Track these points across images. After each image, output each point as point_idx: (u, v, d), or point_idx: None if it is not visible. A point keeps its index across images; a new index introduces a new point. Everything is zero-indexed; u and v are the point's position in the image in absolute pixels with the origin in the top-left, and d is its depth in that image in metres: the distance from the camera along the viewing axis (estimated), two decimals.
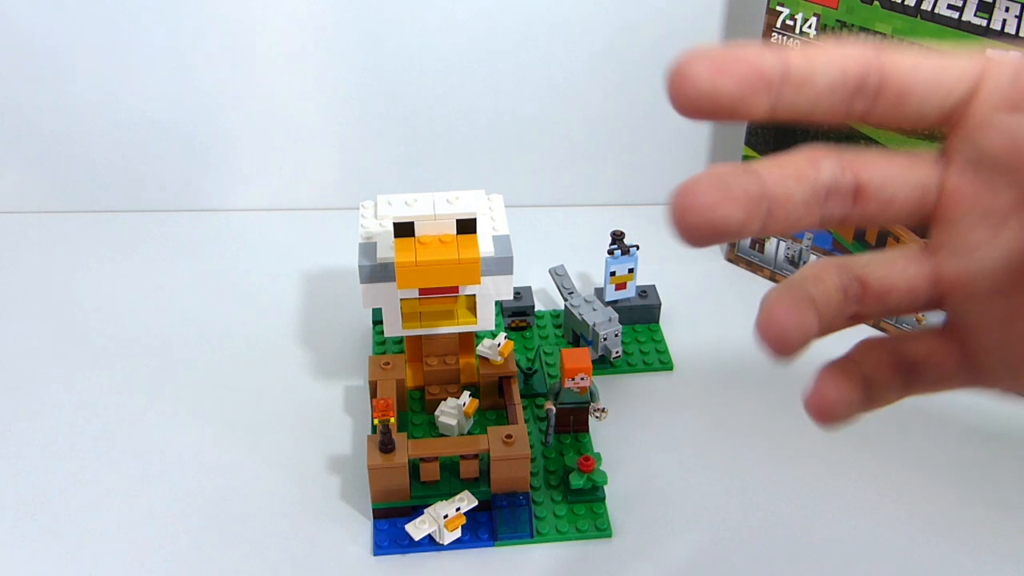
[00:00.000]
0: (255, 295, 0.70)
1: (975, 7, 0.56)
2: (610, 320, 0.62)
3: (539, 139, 0.77)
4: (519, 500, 0.53)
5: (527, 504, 0.53)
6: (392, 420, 0.51)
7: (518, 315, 0.66)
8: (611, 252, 0.64)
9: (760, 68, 0.26)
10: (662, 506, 0.55)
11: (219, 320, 0.67)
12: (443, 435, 0.57)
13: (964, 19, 0.57)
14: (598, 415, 0.57)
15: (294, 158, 0.77)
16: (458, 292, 0.55)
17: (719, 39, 0.73)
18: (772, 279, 0.72)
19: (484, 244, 0.54)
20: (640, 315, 0.66)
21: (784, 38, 0.65)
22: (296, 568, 0.52)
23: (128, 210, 0.77)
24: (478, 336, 0.60)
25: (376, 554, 0.52)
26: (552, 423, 0.57)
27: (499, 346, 0.58)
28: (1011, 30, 0.55)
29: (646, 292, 0.67)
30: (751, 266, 0.73)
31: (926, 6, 0.58)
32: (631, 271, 0.65)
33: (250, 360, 0.64)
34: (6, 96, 0.72)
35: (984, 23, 0.56)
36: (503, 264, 0.55)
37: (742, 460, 0.58)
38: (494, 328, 0.57)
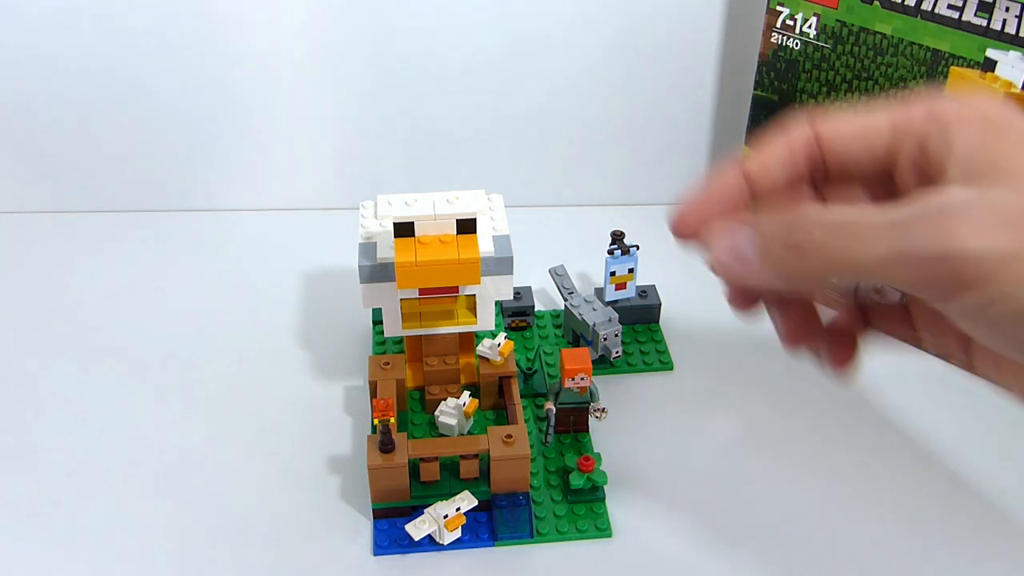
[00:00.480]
0: (255, 295, 0.70)
1: (975, 7, 0.56)
2: (610, 320, 0.62)
3: (539, 139, 0.77)
4: (519, 500, 0.53)
5: (527, 504, 0.53)
6: (392, 420, 0.51)
7: (518, 315, 0.66)
8: (611, 252, 0.64)
9: (727, 196, 0.35)
10: (662, 506, 0.55)
11: (219, 320, 0.67)
12: (443, 435, 0.57)
13: (964, 19, 0.57)
14: (598, 415, 0.57)
15: (294, 158, 0.77)
16: (458, 292, 0.55)
17: (719, 39, 0.73)
18: None
19: (484, 244, 0.54)
20: (640, 315, 0.66)
21: (784, 38, 0.65)
22: (296, 568, 0.52)
23: (128, 210, 0.78)
24: (478, 336, 0.60)
25: (376, 554, 0.52)
26: (552, 423, 0.57)
27: (499, 346, 0.58)
28: (1011, 30, 0.55)
29: (646, 292, 0.67)
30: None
31: (926, 6, 0.58)
32: (631, 271, 0.65)
33: (250, 360, 0.64)
34: (6, 96, 0.72)
35: (984, 23, 0.56)
36: (503, 264, 0.55)
37: (742, 460, 0.58)
38: (494, 328, 0.57)
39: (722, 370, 0.64)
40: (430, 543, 0.52)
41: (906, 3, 0.59)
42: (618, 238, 0.64)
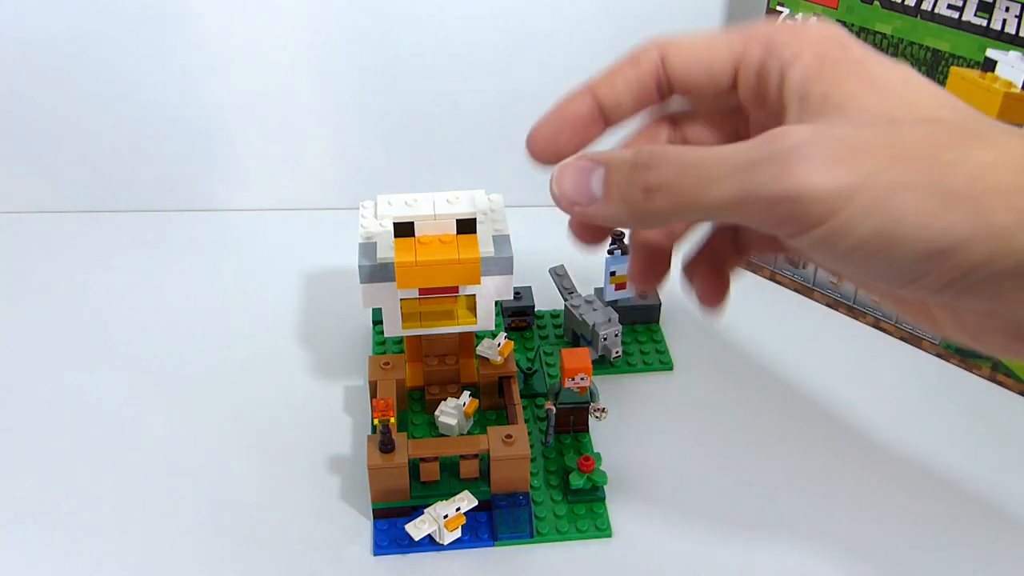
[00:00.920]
0: (255, 295, 0.70)
1: (975, 7, 0.56)
2: (610, 320, 0.62)
3: None
4: (519, 500, 0.53)
5: (527, 504, 0.53)
6: (392, 420, 0.51)
7: (518, 315, 0.66)
8: (611, 252, 0.64)
9: (578, 116, 0.37)
10: (662, 506, 0.55)
11: (219, 320, 0.67)
12: (443, 435, 0.57)
13: (964, 19, 0.57)
14: (598, 415, 0.57)
15: (294, 158, 0.77)
16: (458, 292, 0.55)
17: None
18: (772, 279, 0.72)
19: (484, 244, 0.54)
20: (640, 315, 0.66)
21: None
22: (296, 568, 0.52)
23: (128, 210, 0.78)
24: (478, 336, 0.60)
25: (376, 554, 0.52)
26: (552, 423, 0.57)
27: (499, 346, 0.58)
28: (1011, 30, 0.55)
29: (646, 292, 0.67)
30: (751, 265, 0.73)
31: (926, 6, 0.58)
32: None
33: (250, 360, 0.64)
34: (7, 96, 0.72)
35: (984, 23, 0.56)
36: (503, 264, 0.55)
37: (742, 460, 0.58)
38: (494, 328, 0.57)
39: (722, 370, 0.64)
40: (430, 543, 0.52)
41: (906, 3, 0.59)
42: (618, 238, 0.64)
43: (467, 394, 0.58)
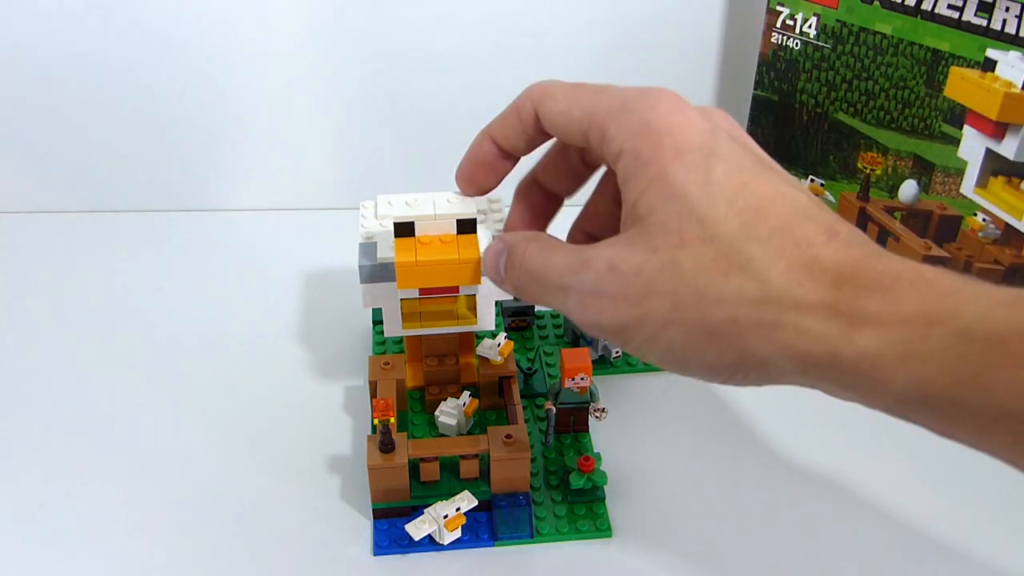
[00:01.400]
0: (255, 295, 0.70)
1: (975, 7, 0.56)
2: None
3: None
4: (519, 500, 0.53)
5: (527, 504, 0.53)
6: (392, 420, 0.51)
7: (518, 315, 0.66)
8: None
9: (486, 158, 0.47)
10: (662, 506, 0.55)
11: (219, 320, 0.67)
12: (443, 435, 0.57)
13: (964, 19, 0.57)
14: (598, 415, 0.57)
15: (294, 158, 0.77)
16: (458, 292, 0.55)
17: (719, 39, 0.73)
18: None
19: (484, 244, 0.54)
20: None
21: (784, 38, 0.65)
22: (296, 568, 0.52)
23: (128, 210, 0.78)
24: (478, 336, 0.60)
25: (376, 554, 0.52)
26: (552, 423, 0.57)
27: (499, 346, 0.58)
28: (1011, 30, 0.55)
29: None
30: None
31: (926, 6, 0.58)
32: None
33: (250, 360, 0.64)
34: (6, 96, 0.72)
35: (984, 23, 0.56)
36: None
37: (742, 460, 0.58)
38: (494, 328, 0.57)
39: None
40: (430, 543, 0.52)
41: (906, 3, 0.59)
42: None
43: (467, 394, 0.57)
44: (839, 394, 0.35)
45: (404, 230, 0.52)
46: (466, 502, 0.52)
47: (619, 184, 0.38)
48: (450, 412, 0.57)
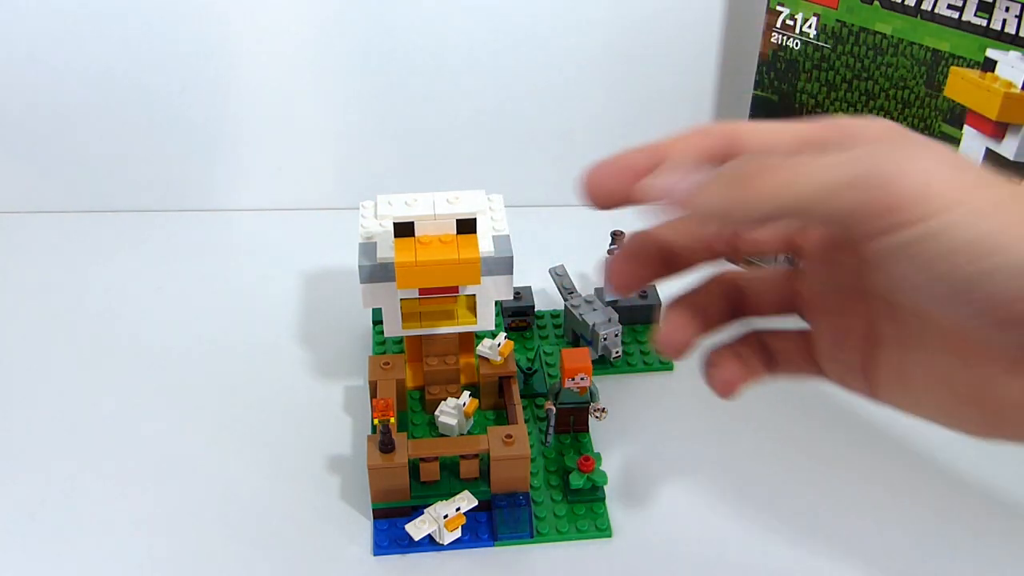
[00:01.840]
0: (255, 295, 0.70)
1: (975, 7, 0.56)
2: (610, 320, 0.62)
3: (539, 139, 0.77)
4: (519, 500, 0.53)
5: (527, 504, 0.53)
6: (392, 420, 0.51)
7: (518, 315, 0.66)
8: (611, 252, 0.64)
9: (635, 168, 0.34)
10: (662, 506, 0.55)
11: (219, 320, 0.67)
12: (443, 435, 0.57)
13: (964, 19, 0.57)
14: (598, 415, 0.57)
15: (294, 158, 0.77)
16: (458, 292, 0.55)
17: (719, 39, 0.73)
18: None
19: (484, 244, 0.54)
20: (640, 315, 0.66)
21: (784, 38, 0.65)
22: (296, 568, 0.52)
23: (128, 210, 0.78)
24: (478, 336, 0.60)
25: (376, 554, 0.52)
26: (552, 423, 0.57)
27: (499, 346, 0.58)
28: (1011, 30, 0.55)
29: (646, 292, 0.67)
30: (751, 267, 0.73)
31: (926, 6, 0.58)
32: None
33: (250, 360, 0.64)
34: (6, 96, 0.72)
35: (984, 23, 0.56)
36: (503, 264, 0.55)
37: (742, 460, 0.58)
38: (494, 328, 0.57)
39: None
40: (430, 543, 0.52)
41: (906, 3, 0.59)
42: (618, 238, 0.64)
43: (467, 394, 0.58)
44: None
45: (404, 230, 0.52)
46: (466, 502, 0.52)
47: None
48: (450, 412, 0.57)
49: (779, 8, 0.65)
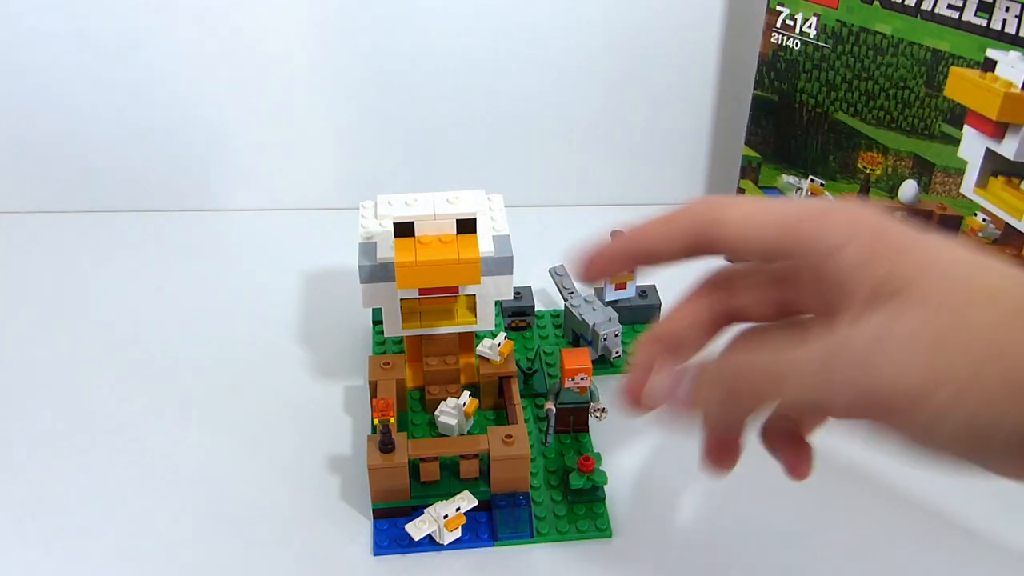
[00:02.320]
0: (255, 295, 0.70)
1: (975, 7, 0.56)
2: (610, 320, 0.62)
3: (539, 139, 0.77)
4: (519, 500, 0.53)
5: (527, 504, 0.53)
6: (392, 420, 0.51)
7: (518, 315, 0.66)
8: None
9: (614, 259, 0.40)
10: (662, 506, 0.55)
11: (219, 320, 0.67)
12: (443, 435, 0.57)
13: (964, 19, 0.57)
14: (598, 415, 0.57)
15: (294, 158, 0.77)
16: (458, 292, 0.55)
17: (719, 39, 0.73)
18: None
19: (484, 244, 0.54)
20: (640, 315, 0.66)
21: (784, 38, 0.65)
22: (296, 568, 0.52)
23: (128, 210, 0.78)
24: (478, 336, 0.60)
25: (376, 554, 0.52)
26: (552, 423, 0.57)
27: (499, 346, 0.58)
28: (1011, 30, 0.55)
29: (646, 292, 0.67)
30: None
31: (926, 6, 0.58)
32: (631, 271, 0.65)
33: (250, 360, 0.64)
34: (6, 96, 0.72)
35: (984, 23, 0.56)
36: (503, 264, 0.55)
37: (742, 459, 0.58)
38: (494, 328, 0.57)
39: None
40: (430, 543, 0.52)
41: (906, 3, 0.59)
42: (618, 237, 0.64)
43: (467, 394, 0.58)
44: None
45: (404, 230, 0.52)
46: (466, 502, 0.52)
47: (842, 275, 0.33)
48: (450, 412, 0.57)
49: (779, 8, 0.65)
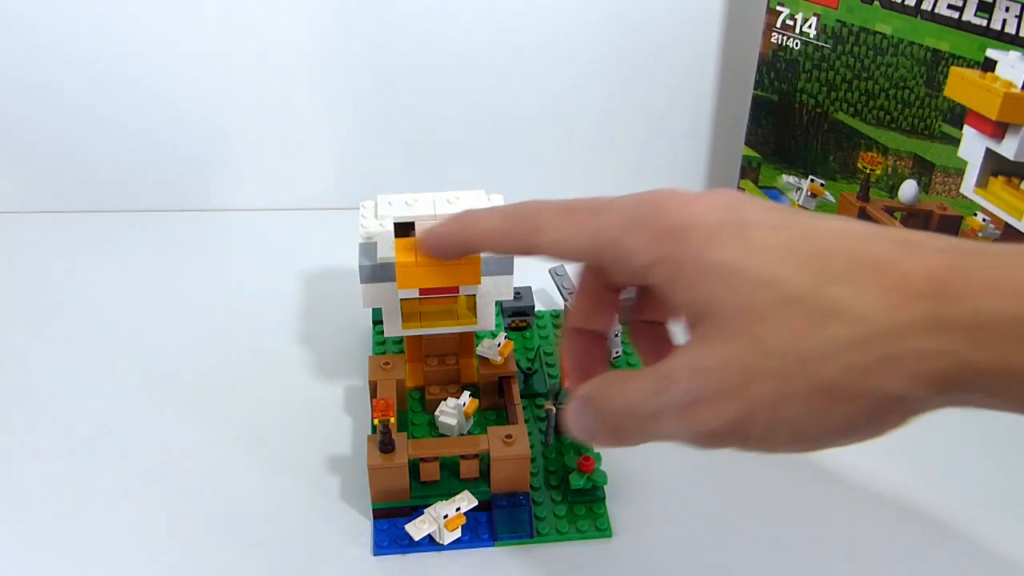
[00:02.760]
0: (255, 295, 0.70)
1: (975, 7, 0.56)
2: None
3: (539, 139, 0.77)
4: (519, 500, 0.53)
5: (527, 504, 0.53)
6: (392, 420, 0.51)
7: (518, 315, 0.66)
8: None
9: (447, 243, 0.45)
10: (662, 506, 0.55)
11: (219, 320, 0.67)
12: (443, 435, 0.57)
13: (964, 19, 0.57)
14: None
15: (294, 158, 0.77)
16: (458, 292, 0.55)
17: (719, 39, 0.73)
18: None
19: None
20: None
21: (784, 38, 0.65)
22: (296, 568, 0.52)
23: (128, 210, 0.78)
24: (478, 336, 0.60)
25: (376, 554, 0.52)
26: (552, 423, 0.57)
27: (499, 346, 0.58)
28: (1011, 30, 0.55)
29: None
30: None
31: (926, 6, 0.58)
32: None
33: (250, 360, 0.64)
34: (6, 96, 0.72)
35: (984, 23, 0.56)
36: (503, 264, 0.55)
37: (742, 459, 0.58)
38: (494, 328, 0.57)
39: None
40: (430, 543, 0.52)
41: (906, 3, 0.59)
42: None
43: (467, 394, 0.57)
44: (998, 404, 0.31)
45: (404, 230, 0.52)
46: (466, 502, 0.52)
47: (661, 295, 0.35)
48: (450, 412, 0.57)
49: (779, 8, 0.65)
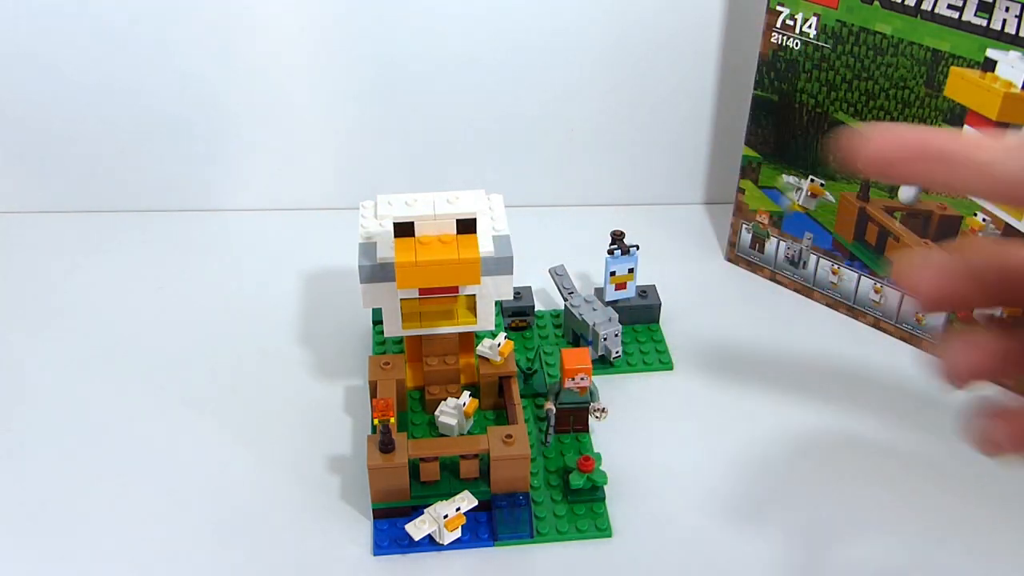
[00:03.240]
0: (255, 295, 0.70)
1: (975, 7, 0.56)
2: (610, 320, 0.62)
3: (539, 139, 0.77)
4: (519, 500, 0.53)
5: (527, 504, 0.53)
6: (392, 420, 0.51)
7: (518, 315, 0.66)
8: (611, 252, 0.64)
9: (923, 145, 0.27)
10: (662, 506, 0.55)
11: (219, 320, 0.67)
12: (443, 435, 0.57)
13: (964, 19, 0.57)
14: (598, 415, 0.57)
15: (294, 158, 0.77)
16: (458, 292, 0.55)
17: (719, 39, 0.73)
18: (772, 279, 0.72)
19: (484, 244, 0.54)
20: (640, 315, 0.66)
21: (784, 38, 0.65)
22: (296, 568, 0.52)
23: (128, 210, 0.78)
24: (478, 336, 0.60)
25: (376, 554, 0.52)
26: (552, 423, 0.57)
27: (499, 346, 0.58)
28: (1011, 30, 0.55)
29: (646, 292, 0.67)
30: (751, 266, 0.73)
31: (926, 6, 0.58)
32: (631, 271, 0.65)
33: (250, 360, 0.64)
34: (5, 96, 0.72)
35: (984, 23, 0.56)
36: (503, 264, 0.55)
37: (742, 460, 0.58)
38: (494, 328, 0.57)
39: (722, 370, 0.64)
40: (430, 543, 0.52)
41: (906, 3, 0.59)
42: (618, 238, 0.64)
43: (467, 394, 0.58)
44: None
45: (404, 230, 0.52)
46: (466, 502, 0.52)
47: None
48: (450, 412, 0.57)
49: (779, 8, 0.65)
